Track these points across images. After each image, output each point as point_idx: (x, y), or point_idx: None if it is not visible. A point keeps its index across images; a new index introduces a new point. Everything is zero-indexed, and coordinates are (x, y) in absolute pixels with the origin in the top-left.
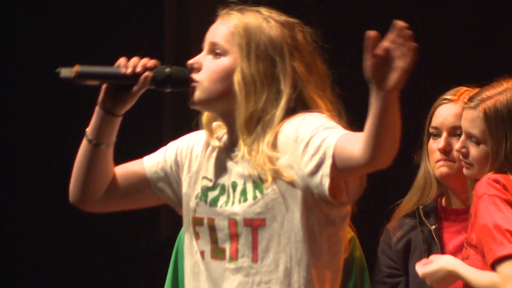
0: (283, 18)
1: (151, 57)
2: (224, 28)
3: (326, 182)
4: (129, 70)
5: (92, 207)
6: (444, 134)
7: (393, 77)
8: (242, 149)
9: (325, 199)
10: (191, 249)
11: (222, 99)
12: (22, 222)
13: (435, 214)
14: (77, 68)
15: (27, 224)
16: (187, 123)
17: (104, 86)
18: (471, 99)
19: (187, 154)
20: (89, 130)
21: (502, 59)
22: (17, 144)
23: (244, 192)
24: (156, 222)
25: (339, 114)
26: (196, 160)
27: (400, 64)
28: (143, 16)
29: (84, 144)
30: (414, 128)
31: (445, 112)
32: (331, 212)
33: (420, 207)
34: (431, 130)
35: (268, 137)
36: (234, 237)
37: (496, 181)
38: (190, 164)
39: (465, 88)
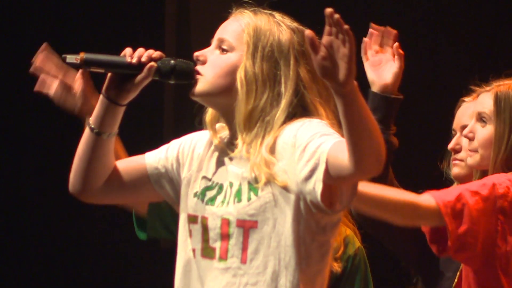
0: (294, 24)
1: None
2: (235, 26)
3: (319, 188)
4: (134, 60)
5: (91, 198)
6: None
7: (342, 68)
8: (239, 147)
9: (317, 205)
10: (185, 246)
11: (223, 94)
12: (21, 227)
13: None
14: (82, 55)
15: (26, 231)
16: (187, 119)
17: (108, 75)
18: (489, 85)
19: (188, 153)
20: (92, 118)
21: None
22: (19, 140)
23: (239, 193)
24: None
25: (339, 124)
26: (197, 159)
27: (342, 52)
28: (143, 13)
29: (86, 133)
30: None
31: None
32: (322, 219)
33: None
34: None
35: (268, 140)
36: (225, 237)
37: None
38: (191, 162)
39: None
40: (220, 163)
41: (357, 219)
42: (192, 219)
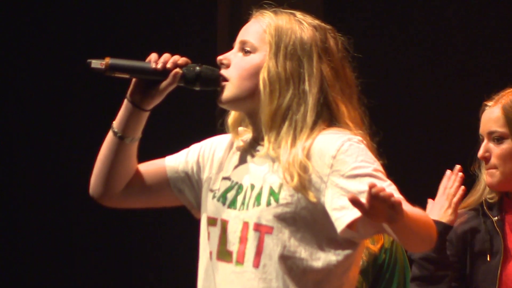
0: (316, 22)
1: (203, 50)
2: (256, 27)
3: (340, 227)
4: (159, 66)
5: (111, 202)
6: None
7: (389, 214)
8: (266, 146)
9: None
10: (205, 248)
11: (250, 97)
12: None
13: (498, 206)
14: (107, 60)
15: (36, 225)
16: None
17: (133, 80)
18: None
19: (209, 156)
20: (115, 123)
21: None
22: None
23: (259, 196)
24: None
25: (362, 123)
26: (217, 161)
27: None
28: (196, 9)
29: (109, 137)
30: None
31: None
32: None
33: (483, 199)
34: None
35: (303, 142)
36: (243, 240)
37: None
38: (211, 165)
39: None
40: (241, 162)
41: None
42: (211, 222)
